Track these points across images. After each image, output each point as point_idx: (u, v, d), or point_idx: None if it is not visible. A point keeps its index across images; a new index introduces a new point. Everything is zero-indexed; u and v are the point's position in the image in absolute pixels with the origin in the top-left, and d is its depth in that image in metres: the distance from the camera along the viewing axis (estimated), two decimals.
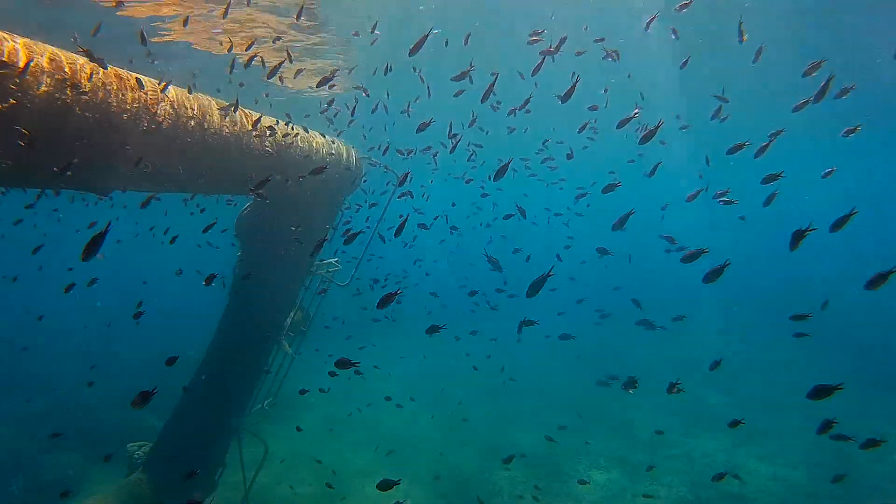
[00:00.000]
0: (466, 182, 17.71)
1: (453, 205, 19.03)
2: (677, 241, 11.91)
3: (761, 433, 16.16)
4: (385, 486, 6.89)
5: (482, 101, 8.94)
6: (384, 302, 6.02)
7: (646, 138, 7.85)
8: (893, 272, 5.37)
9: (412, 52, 8.36)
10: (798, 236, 5.66)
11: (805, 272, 40.31)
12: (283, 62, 9.32)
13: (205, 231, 8.07)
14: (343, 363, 6.38)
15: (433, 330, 7.12)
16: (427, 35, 8.29)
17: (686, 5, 9.78)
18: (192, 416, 11.10)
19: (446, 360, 22.78)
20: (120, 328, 16.80)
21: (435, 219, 15.57)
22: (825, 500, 12.97)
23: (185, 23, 13.69)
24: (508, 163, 7.86)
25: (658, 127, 7.85)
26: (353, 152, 12.24)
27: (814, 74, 8.52)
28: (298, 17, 10.91)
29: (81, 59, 5.49)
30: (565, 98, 8.27)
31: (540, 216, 21.46)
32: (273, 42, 15.06)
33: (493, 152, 19.23)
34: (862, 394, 18.23)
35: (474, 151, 16.94)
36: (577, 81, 8.26)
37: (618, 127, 8.55)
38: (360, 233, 7.35)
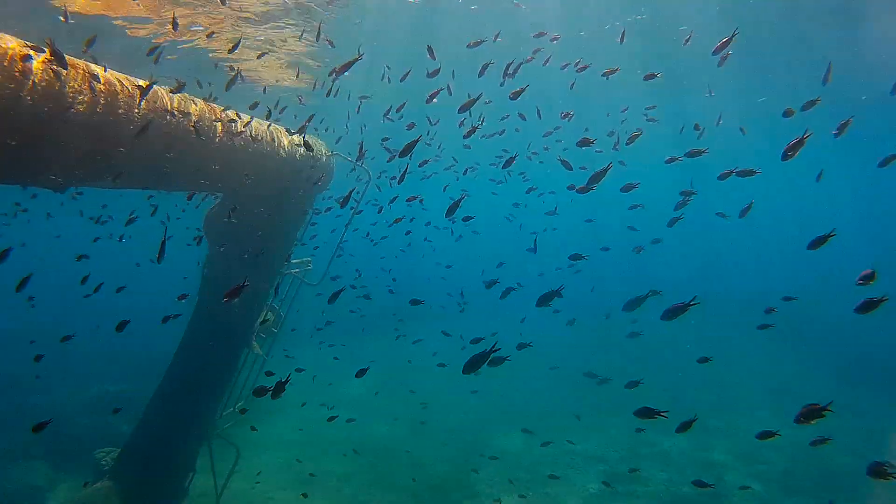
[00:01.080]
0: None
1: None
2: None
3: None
4: None
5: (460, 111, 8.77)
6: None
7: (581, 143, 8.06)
8: (885, 300, 5.43)
9: (337, 74, 8.38)
10: (819, 241, 5.96)
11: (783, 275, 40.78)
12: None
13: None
14: (260, 391, 6.18)
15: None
16: (356, 59, 8.24)
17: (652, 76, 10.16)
18: (161, 421, 10.82)
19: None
20: (93, 328, 16.36)
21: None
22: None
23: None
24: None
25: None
26: (323, 148, 12.05)
27: None
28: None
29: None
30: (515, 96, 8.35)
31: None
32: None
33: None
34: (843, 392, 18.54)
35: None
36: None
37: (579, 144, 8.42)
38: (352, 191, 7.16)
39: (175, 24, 9.26)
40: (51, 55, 4.99)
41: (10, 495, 12.74)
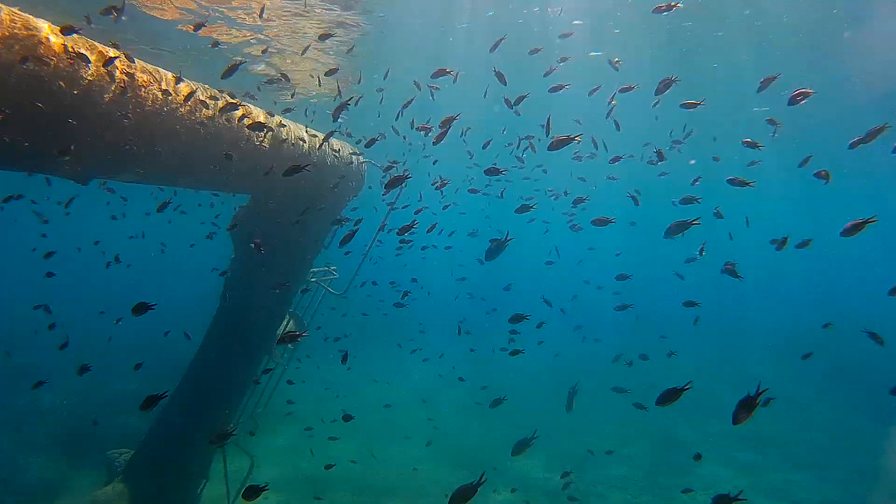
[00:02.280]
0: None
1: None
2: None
3: None
4: None
5: (435, 143, 8.37)
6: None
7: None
8: None
9: (335, 116, 8.10)
10: (857, 226, 5.78)
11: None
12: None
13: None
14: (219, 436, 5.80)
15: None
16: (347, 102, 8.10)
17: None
18: (176, 425, 10.57)
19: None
20: (117, 325, 16.31)
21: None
22: None
23: None
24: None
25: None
26: (354, 153, 11.80)
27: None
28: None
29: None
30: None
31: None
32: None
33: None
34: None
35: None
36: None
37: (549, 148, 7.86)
38: (355, 231, 6.85)
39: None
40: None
41: (24, 489, 12.62)
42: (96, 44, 5.51)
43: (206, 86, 7.74)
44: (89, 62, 5.13)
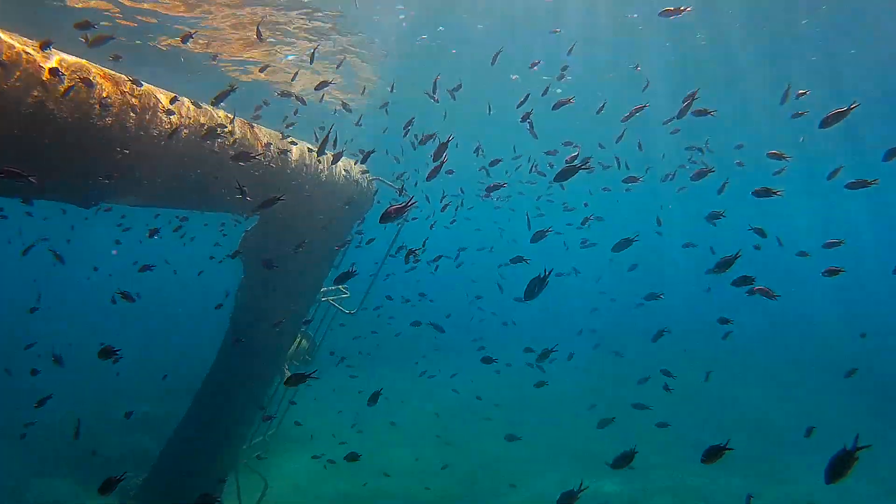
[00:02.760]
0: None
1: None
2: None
3: None
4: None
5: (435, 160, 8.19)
6: None
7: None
8: None
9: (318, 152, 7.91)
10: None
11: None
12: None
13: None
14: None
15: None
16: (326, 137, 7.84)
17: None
18: (188, 448, 10.51)
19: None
20: (125, 345, 16.31)
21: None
22: None
23: None
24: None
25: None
26: (361, 172, 11.75)
27: None
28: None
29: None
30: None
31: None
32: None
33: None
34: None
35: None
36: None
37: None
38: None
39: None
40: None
41: None
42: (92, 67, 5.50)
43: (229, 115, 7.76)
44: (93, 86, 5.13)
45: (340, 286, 11.79)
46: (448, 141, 6.97)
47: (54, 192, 5.71)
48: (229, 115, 7.86)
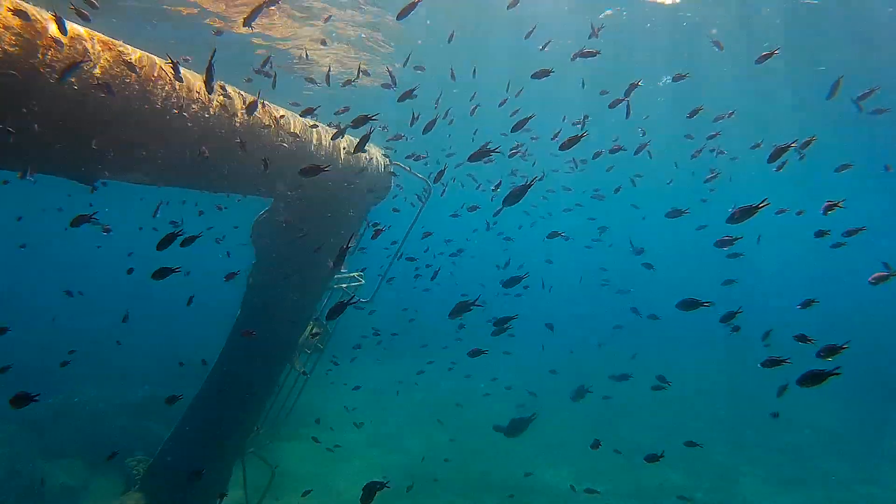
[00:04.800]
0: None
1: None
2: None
3: None
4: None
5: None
6: None
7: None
8: None
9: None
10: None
11: None
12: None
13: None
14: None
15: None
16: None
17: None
18: (195, 435, 10.23)
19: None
20: (134, 327, 16.09)
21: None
22: None
23: None
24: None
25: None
26: (381, 156, 11.34)
27: None
28: None
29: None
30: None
31: None
32: None
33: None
34: None
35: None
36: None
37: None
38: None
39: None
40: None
41: (44, 494, 12.44)
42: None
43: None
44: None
45: (355, 273, 11.43)
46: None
47: (59, 167, 5.37)
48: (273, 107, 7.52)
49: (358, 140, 7.58)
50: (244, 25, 6.53)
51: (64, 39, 4.42)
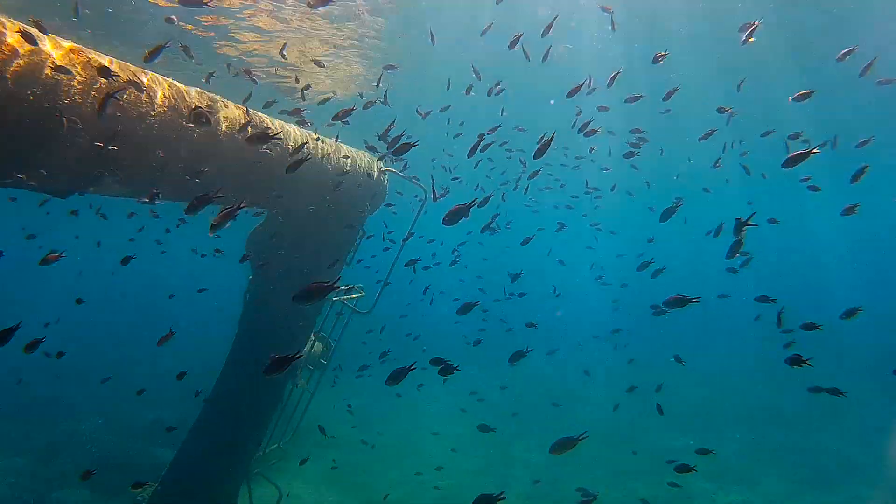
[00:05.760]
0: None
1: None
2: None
3: None
4: None
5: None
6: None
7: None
8: None
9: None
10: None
11: None
12: None
13: None
14: None
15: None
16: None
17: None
18: (198, 457, 10.03)
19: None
20: (139, 349, 15.96)
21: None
22: None
23: None
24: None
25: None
26: (374, 163, 11.19)
27: None
28: None
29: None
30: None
31: None
32: None
33: None
34: None
35: None
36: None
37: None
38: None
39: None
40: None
41: None
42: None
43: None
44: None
45: (354, 286, 11.25)
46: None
47: (33, 181, 5.24)
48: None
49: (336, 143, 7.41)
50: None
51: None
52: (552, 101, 15.95)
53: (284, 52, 14.17)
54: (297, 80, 15.70)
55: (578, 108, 12.05)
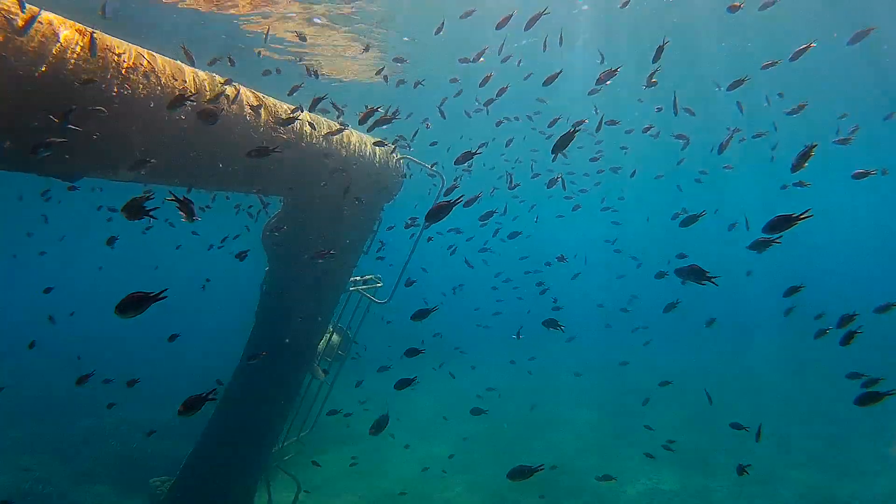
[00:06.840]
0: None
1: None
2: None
3: None
4: None
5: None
6: None
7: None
8: None
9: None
10: None
11: None
12: None
13: None
14: None
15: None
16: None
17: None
18: (216, 452, 9.93)
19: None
20: (164, 345, 15.93)
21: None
22: None
23: None
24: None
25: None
26: (390, 151, 11.00)
27: None
28: None
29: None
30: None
31: None
32: None
33: None
34: None
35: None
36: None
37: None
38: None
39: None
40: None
41: None
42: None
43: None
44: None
45: (373, 276, 11.09)
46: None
47: (41, 165, 5.13)
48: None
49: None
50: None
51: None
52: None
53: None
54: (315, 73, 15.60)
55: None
